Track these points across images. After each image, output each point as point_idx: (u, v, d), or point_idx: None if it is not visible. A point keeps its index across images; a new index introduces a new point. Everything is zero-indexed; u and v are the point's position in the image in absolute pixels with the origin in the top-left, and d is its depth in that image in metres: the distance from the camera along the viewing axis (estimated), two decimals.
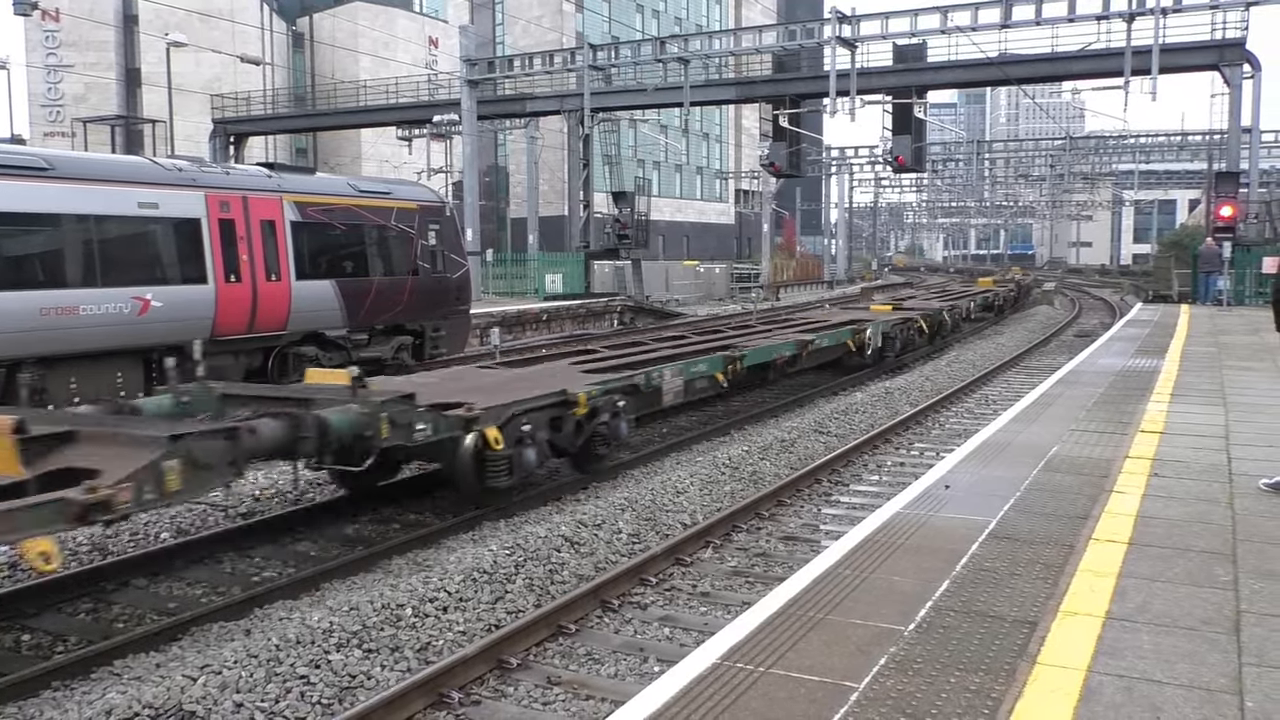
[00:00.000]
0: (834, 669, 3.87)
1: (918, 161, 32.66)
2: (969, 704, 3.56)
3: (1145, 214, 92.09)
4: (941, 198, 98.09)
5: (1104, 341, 17.65)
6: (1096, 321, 31.44)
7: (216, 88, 46.69)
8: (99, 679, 5.74)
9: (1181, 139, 58.38)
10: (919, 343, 20.39)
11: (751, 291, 46.06)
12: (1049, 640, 4.12)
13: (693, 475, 9.80)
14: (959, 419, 14.16)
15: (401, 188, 17.78)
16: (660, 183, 68.71)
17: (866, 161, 62.12)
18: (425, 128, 41.63)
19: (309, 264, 14.75)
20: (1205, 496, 6.44)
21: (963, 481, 6.92)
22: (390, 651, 5.83)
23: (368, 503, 9.22)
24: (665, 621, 6.55)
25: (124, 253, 12.50)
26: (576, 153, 39.16)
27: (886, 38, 30.79)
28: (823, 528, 8.80)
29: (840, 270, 66.47)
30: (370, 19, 54.13)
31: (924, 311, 21.00)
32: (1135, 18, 27.51)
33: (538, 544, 7.46)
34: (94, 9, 49.54)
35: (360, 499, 9.19)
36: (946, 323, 22.28)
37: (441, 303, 17.34)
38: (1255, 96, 28.22)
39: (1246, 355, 14.63)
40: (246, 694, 5.22)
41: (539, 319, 28.78)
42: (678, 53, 33.41)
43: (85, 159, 13.49)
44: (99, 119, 49.66)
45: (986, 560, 5.19)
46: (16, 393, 11.23)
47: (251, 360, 14.15)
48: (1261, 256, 25.96)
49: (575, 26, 60.62)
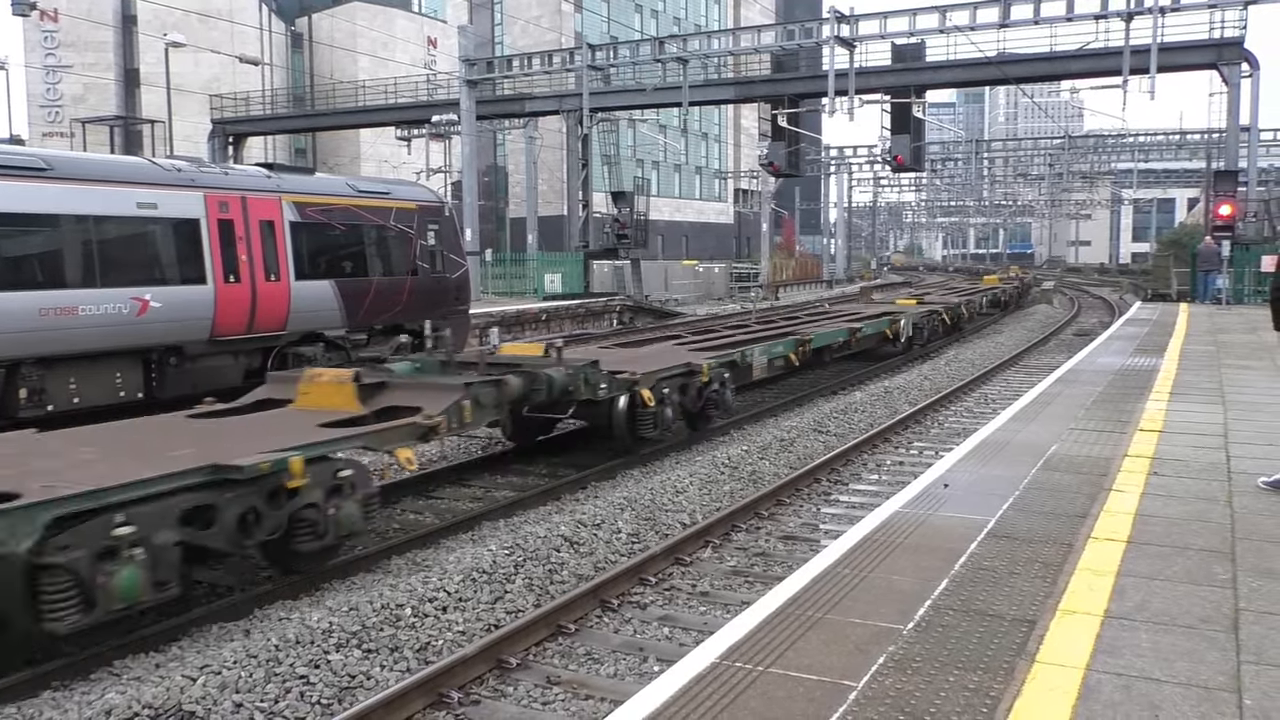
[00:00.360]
0: (833, 668, 3.87)
1: (916, 161, 32.68)
2: (968, 703, 3.56)
3: (1144, 213, 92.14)
4: (940, 197, 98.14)
5: (1103, 340, 17.66)
6: (1095, 320, 31.45)
7: (215, 88, 46.69)
8: (98, 679, 5.74)
9: (1180, 138, 58.41)
10: (941, 333, 22.77)
11: (750, 291, 46.06)
12: (1048, 639, 4.13)
13: (692, 475, 9.80)
14: (958, 418, 14.17)
15: (400, 188, 17.77)
16: (659, 182, 68.72)
17: (865, 161, 62.19)
18: (424, 128, 41.66)
19: (308, 264, 14.74)
20: (1204, 495, 6.45)
21: (962, 480, 6.92)
22: (389, 651, 5.84)
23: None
24: (665, 621, 6.55)
25: (123, 253, 12.49)
26: (575, 152, 39.15)
27: (885, 37, 30.81)
28: (822, 527, 8.80)
29: (839, 270, 66.44)
30: (369, 19, 54.13)
31: (945, 305, 23.39)
32: (1133, 17, 27.53)
33: (537, 544, 7.46)
34: (92, 9, 49.53)
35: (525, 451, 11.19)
36: (964, 315, 24.96)
37: (440, 303, 17.34)
38: (1254, 95, 28.23)
39: (1245, 354, 14.64)
40: (246, 694, 5.23)
41: (538, 319, 28.78)
42: (676, 52, 33.42)
43: (84, 159, 13.48)
44: (98, 119, 49.66)
45: (985, 559, 5.19)
46: (16, 393, 11.22)
47: (251, 360, 14.14)
48: (1260, 255, 25.98)
49: (574, 26, 60.61)
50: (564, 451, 11.65)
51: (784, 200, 71.01)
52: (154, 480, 5.94)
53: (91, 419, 9.93)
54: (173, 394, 12.65)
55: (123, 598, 5.65)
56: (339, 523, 6.97)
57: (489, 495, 9.91)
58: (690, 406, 11.68)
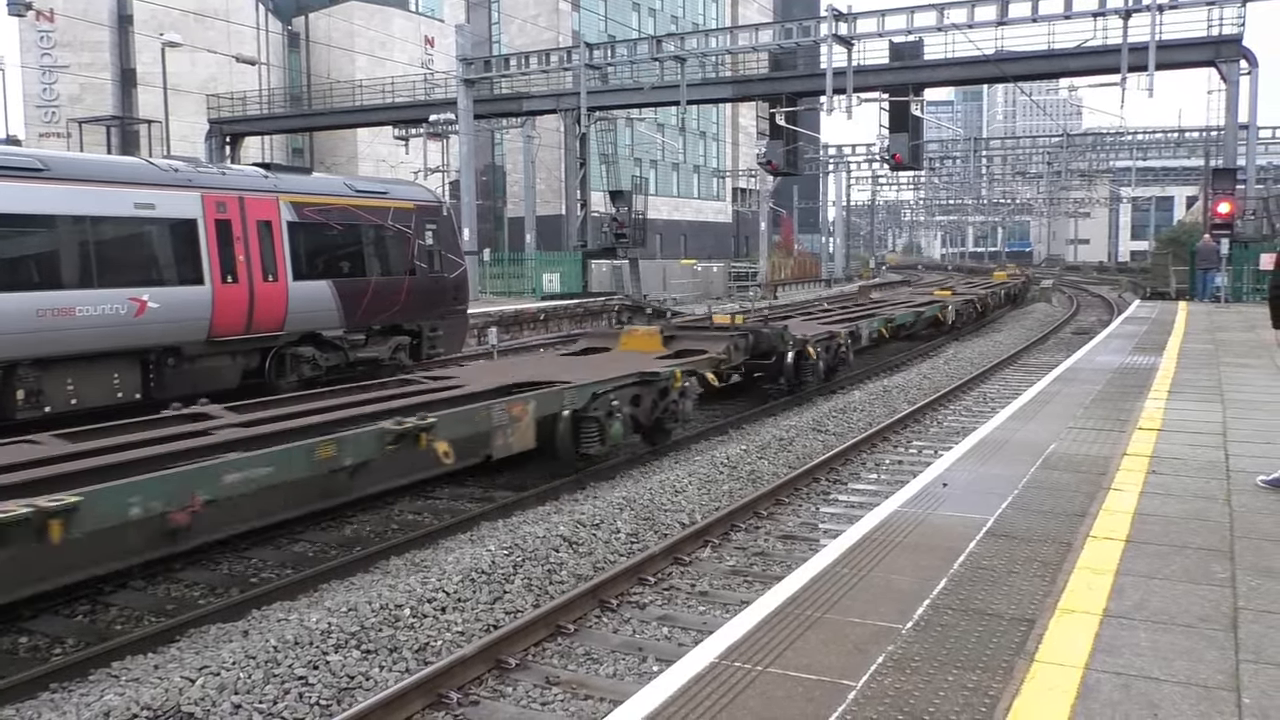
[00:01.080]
0: (832, 668, 3.87)
1: (915, 159, 32.65)
2: (966, 702, 3.56)
3: (1143, 211, 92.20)
4: (939, 195, 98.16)
5: (1102, 339, 17.66)
6: (1094, 319, 31.46)
7: (212, 88, 46.64)
8: (97, 681, 5.74)
9: (1179, 136, 58.38)
10: (973, 318, 27.20)
11: (749, 290, 46.05)
12: (1047, 638, 4.12)
13: (691, 474, 9.80)
14: (957, 417, 14.17)
15: (398, 187, 17.75)
16: (657, 181, 68.66)
17: (864, 159, 62.11)
18: (422, 127, 41.60)
19: (306, 264, 14.72)
20: (1203, 494, 6.45)
21: (961, 479, 6.92)
22: (388, 652, 5.83)
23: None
24: (664, 621, 6.55)
25: (120, 254, 12.47)
26: (573, 152, 39.11)
27: (883, 35, 30.78)
28: (821, 526, 8.80)
29: (838, 269, 66.43)
30: (366, 18, 54.08)
31: (977, 297, 28.06)
32: (1132, 14, 27.50)
33: (536, 544, 7.46)
34: (88, 9, 49.47)
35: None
36: (991, 305, 29.94)
37: (439, 302, 17.32)
38: (1252, 93, 28.22)
39: (1244, 352, 14.64)
40: (245, 695, 5.22)
41: (536, 318, 28.77)
42: (674, 51, 33.39)
43: (81, 160, 13.45)
44: (94, 119, 49.61)
45: (984, 558, 5.19)
46: (13, 394, 11.20)
47: (249, 361, 14.11)
48: (1259, 253, 25.97)
49: (571, 25, 60.55)
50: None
51: (782, 199, 71.01)
52: (621, 378, 10.75)
53: (90, 420, 9.92)
54: (171, 395, 12.63)
55: (613, 440, 10.21)
56: (685, 411, 11.61)
57: (487, 496, 9.91)
58: (830, 361, 15.95)
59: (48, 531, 5.52)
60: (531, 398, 9.54)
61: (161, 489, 6.32)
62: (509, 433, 9.12)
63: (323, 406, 9.20)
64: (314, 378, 14.57)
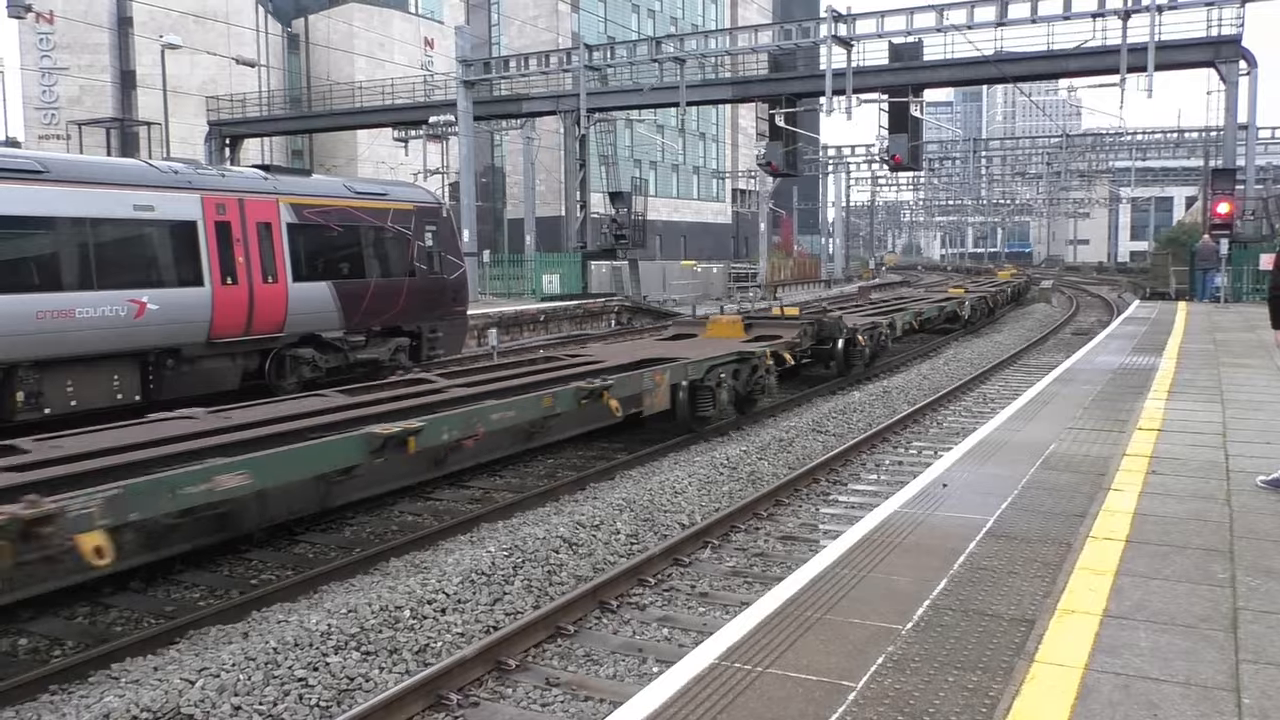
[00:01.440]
0: (832, 669, 3.87)
1: (914, 160, 32.66)
2: (966, 703, 3.56)
3: (1142, 211, 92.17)
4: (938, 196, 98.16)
5: (1101, 339, 17.67)
6: (1094, 319, 31.46)
7: (212, 90, 46.66)
8: (96, 683, 5.73)
9: (1178, 136, 58.45)
10: (985, 314, 28.93)
11: (749, 291, 46.05)
12: (1046, 639, 4.12)
13: (691, 475, 9.80)
14: (957, 417, 14.17)
15: (398, 189, 17.74)
16: (657, 182, 68.70)
17: (863, 160, 62.14)
18: (421, 129, 41.59)
19: (305, 266, 14.71)
20: (1203, 494, 6.45)
21: (960, 480, 6.92)
22: (388, 653, 5.83)
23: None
24: (664, 622, 6.54)
25: (119, 255, 12.46)
26: (573, 153, 39.13)
27: (882, 36, 30.80)
28: (821, 527, 8.80)
29: (837, 269, 66.43)
30: (365, 20, 54.12)
31: (988, 294, 30.02)
32: (1131, 15, 27.53)
33: (536, 545, 7.45)
34: (88, 11, 49.51)
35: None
36: (1000, 301, 31.81)
37: (438, 304, 17.31)
38: (1251, 93, 28.24)
39: (1244, 352, 14.64)
40: (244, 697, 5.22)
41: (536, 319, 28.76)
42: (674, 52, 33.41)
43: (80, 162, 13.44)
44: (94, 121, 49.64)
45: (984, 559, 5.19)
46: (13, 396, 11.20)
47: (249, 362, 14.11)
48: (1259, 253, 25.99)
49: (571, 27, 60.58)
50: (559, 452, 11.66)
51: (782, 200, 71.02)
52: (725, 355, 12.79)
53: (90, 421, 9.91)
54: (171, 396, 12.63)
55: (722, 406, 12.25)
56: (771, 385, 13.63)
57: (487, 497, 9.91)
58: (874, 348, 17.77)
59: (407, 445, 7.85)
60: (666, 368, 11.58)
61: (462, 421, 8.61)
62: (653, 395, 11.30)
63: (513, 374, 11.30)
64: (314, 379, 14.56)
